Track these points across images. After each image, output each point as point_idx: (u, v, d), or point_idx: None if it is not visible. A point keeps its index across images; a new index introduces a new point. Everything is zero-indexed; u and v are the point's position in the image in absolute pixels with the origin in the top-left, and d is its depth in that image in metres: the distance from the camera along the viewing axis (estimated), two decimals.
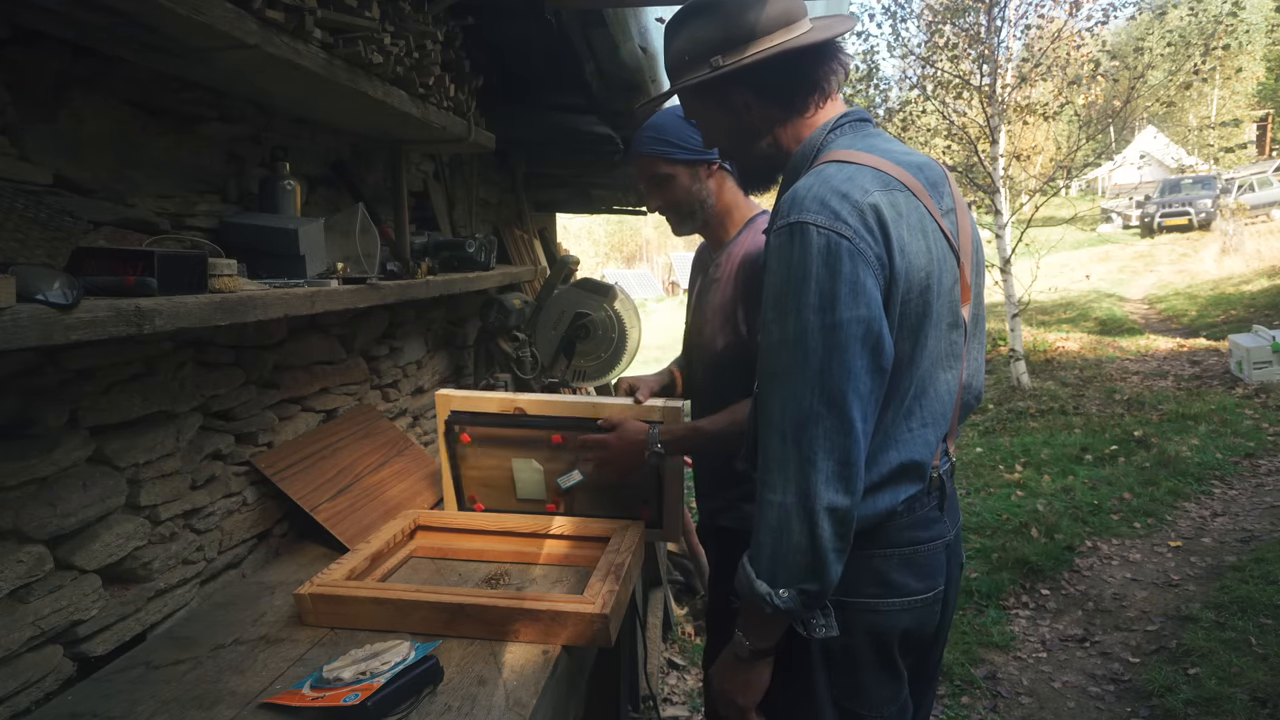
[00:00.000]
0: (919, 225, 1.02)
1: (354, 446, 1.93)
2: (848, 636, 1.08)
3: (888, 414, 1.04)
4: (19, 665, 1.11)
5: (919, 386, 1.06)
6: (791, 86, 1.13)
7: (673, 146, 1.57)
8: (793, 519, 0.96)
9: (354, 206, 1.80)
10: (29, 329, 0.86)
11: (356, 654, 1.15)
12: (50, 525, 1.15)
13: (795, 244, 0.97)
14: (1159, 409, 6.06)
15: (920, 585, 1.11)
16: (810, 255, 0.96)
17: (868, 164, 1.03)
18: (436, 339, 2.66)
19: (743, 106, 1.15)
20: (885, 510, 1.06)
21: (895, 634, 1.11)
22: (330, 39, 1.37)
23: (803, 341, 0.96)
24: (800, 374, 0.96)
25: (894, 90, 9.03)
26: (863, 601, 1.09)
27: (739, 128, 1.18)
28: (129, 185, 1.33)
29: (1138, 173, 25.29)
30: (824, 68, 1.13)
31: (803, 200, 0.99)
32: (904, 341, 1.02)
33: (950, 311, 1.08)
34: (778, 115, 1.15)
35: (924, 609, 1.12)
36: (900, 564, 1.09)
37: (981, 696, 2.75)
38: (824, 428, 0.95)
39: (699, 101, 1.20)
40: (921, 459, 1.07)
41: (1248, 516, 4.15)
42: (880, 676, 1.12)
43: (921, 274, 1.01)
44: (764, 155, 1.19)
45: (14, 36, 1.11)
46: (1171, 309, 10.99)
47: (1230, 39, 8.03)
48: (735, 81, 1.13)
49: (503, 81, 2.50)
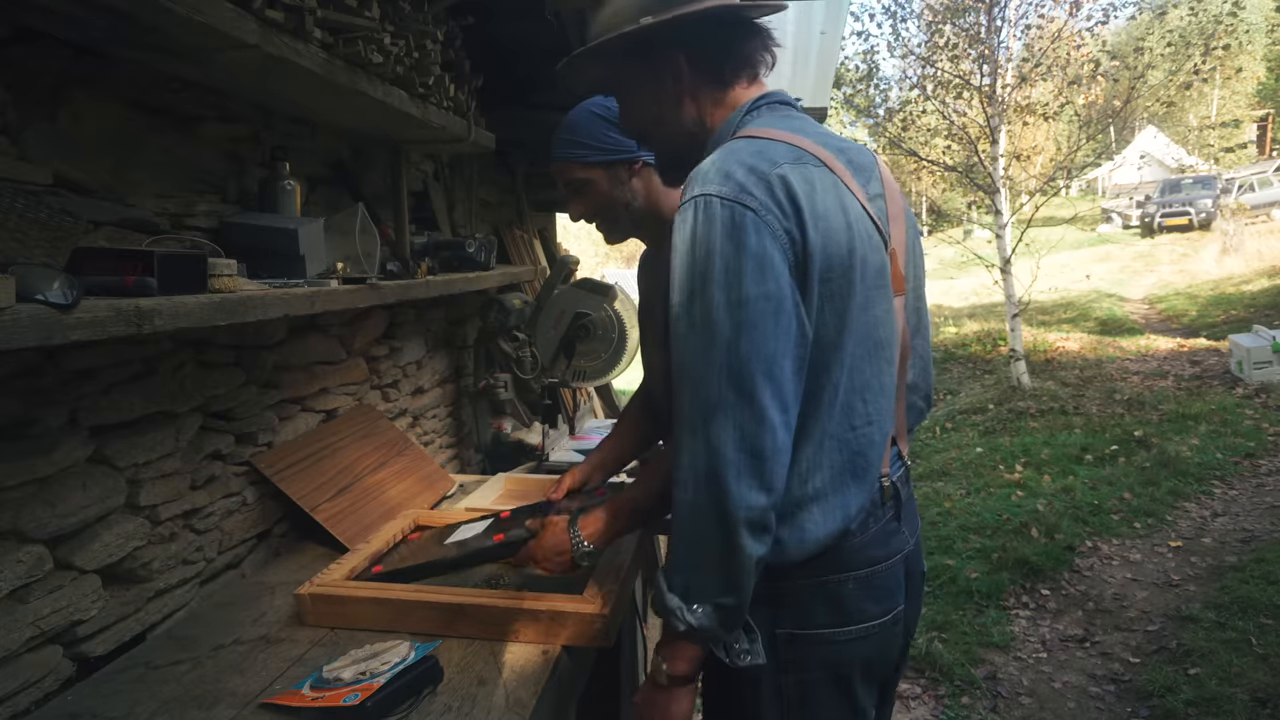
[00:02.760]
0: (837, 203, 0.96)
1: (354, 446, 1.93)
2: (801, 673, 1.00)
3: (822, 409, 0.96)
4: (19, 665, 1.11)
5: (853, 379, 0.98)
6: (723, 55, 1.07)
7: (587, 148, 1.42)
8: (704, 521, 0.89)
9: (354, 206, 1.80)
10: (29, 329, 0.86)
11: (356, 654, 1.15)
12: (50, 525, 1.16)
13: (698, 219, 0.91)
14: (1159, 409, 6.06)
15: (878, 609, 1.02)
16: (714, 229, 0.90)
17: (779, 139, 0.98)
18: (436, 339, 2.66)
19: (671, 74, 1.07)
20: (839, 530, 0.98)
21: (855, 666, 1.02)
22: (330, 39, 1.38)
23: (708, 323, 0.89)
24: (706, 358, 0.89)
25: (894, 90, 9.03)
26: (816, 633, 1.00)
27: (664, 99, 1.09)
28: (129, 185, 1.33)
29: (1138, 173, 25.27)
30: (755, 43, 1.08)
31: (706, 173, 0.94)
32: (827, 325, 0.95)
33: (881, 299, 1.01)
34: (706, 88, 1.08)
35: (882, 633, 1.03)
36: (857, 589, 1.00)
37: (981, 696, 2.74)
38: (734, 416, 0.87)
39: (624, 66, 1.10)
40: (869, 460, 1.00)
41: (1248, 516, 4.15)
42: (839, 716, 1.03)
43: (843, 251, 0.94)
44: (688, 133, 1.10)
45: (14, 36, 1.11)
46: (1172, 309, 10.98)
47: (1230, 39, 8.02)
48: (667, 40, 1.04)
49: (503, 81, 2.50)
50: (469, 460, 2.87)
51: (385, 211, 2.18)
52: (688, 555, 0.91)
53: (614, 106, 1.41)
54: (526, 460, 2.56)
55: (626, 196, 1.44)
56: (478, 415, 2.81)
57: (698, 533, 0.90)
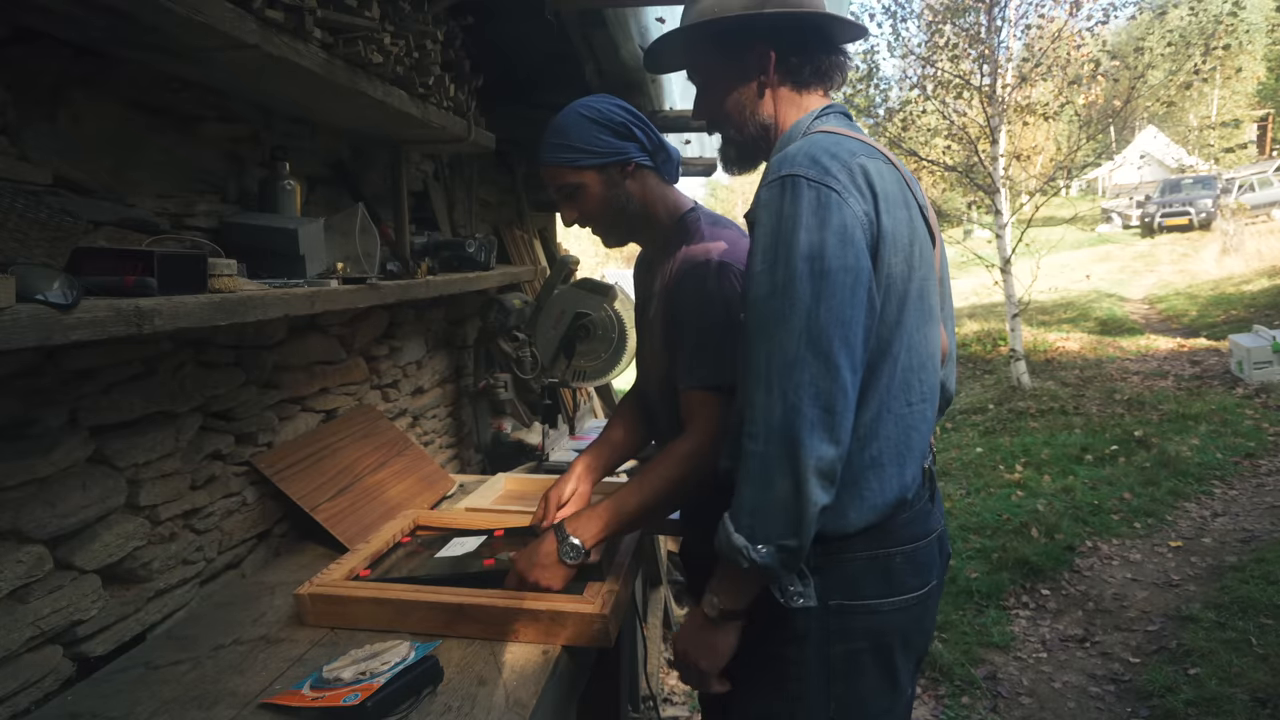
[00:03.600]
0: (901, 196, 1.05)
1: (354, 447, 1.93)
2: (847, 643, 1.07)
3: (881, 381, 1.04)
4: (19, 665, 1.11)
5: (909, 358, 1.06)
6: (807, 60, 1.15)
7: (578, 152, 1.38)
8: (775, 469, 0.95)
9: (354, 206, 1.80)
10: (29, 329, 0.86)
11: (356, 654, 1.15)
12: (50, 525, 1.15)
13: (786, 196, 0.99)
14: (1159, 409, 6.06)
15: (917, 582, 1.11)
16: (801, 206, 0.97)
17: (852, 136, 1.07)
18: (436, 339, 2.66)
19: (759, 66, 1.15)
20: (895, 499, 1.05)
21: (895, 635, 1.09)
22: (330, 39, 1.37)
23: (790, 289, 0.96)
24: (787, 321, 0.96)
25: (894, 90, 9.02)
26: (863, 604, 1.07)
27: (747, 90, 1.17)
28: (129, 185, 1.33)
29: (1138, 173, 25.26)
30: (836, 59, 1.18)
31: (794, 157, 1.01)
32: (890, 304, 1.03)
33: (932, 290, 1.10)
34: (786, 88, 1.16)
35: (919, 606, 1.12)
36: (903, 562, 1.09)
37: (981, 696, 2.75)
38: (810, 374, 0.95)
39: (714, 51, 1.18)
40: (922, 435, 1.07)
41: (1248, 516, 4.15)
42: (880, 685, 1.10)
43: (905, 241, 1.04)
44: (761, 126, 1.18)
45: (14, 36, 1.11)
46: (1172, 309, 10.98)
47: (1230, 39, 8.02)
48: (765, 33, 1.13)
49: (503, 81, 2.50)
50: (469, 460, 2.87)
51: (385, 211, 2.18)
52: (755, 499, 0.97)
53: (603, 108, 1.41)
54: (526, 460, 2.56)
55: (622, 199, 1.42)
56: (478, 415, 2.81)
57: (768, 480, 0.96)
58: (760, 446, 0.96)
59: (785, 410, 0.95)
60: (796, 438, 0.94)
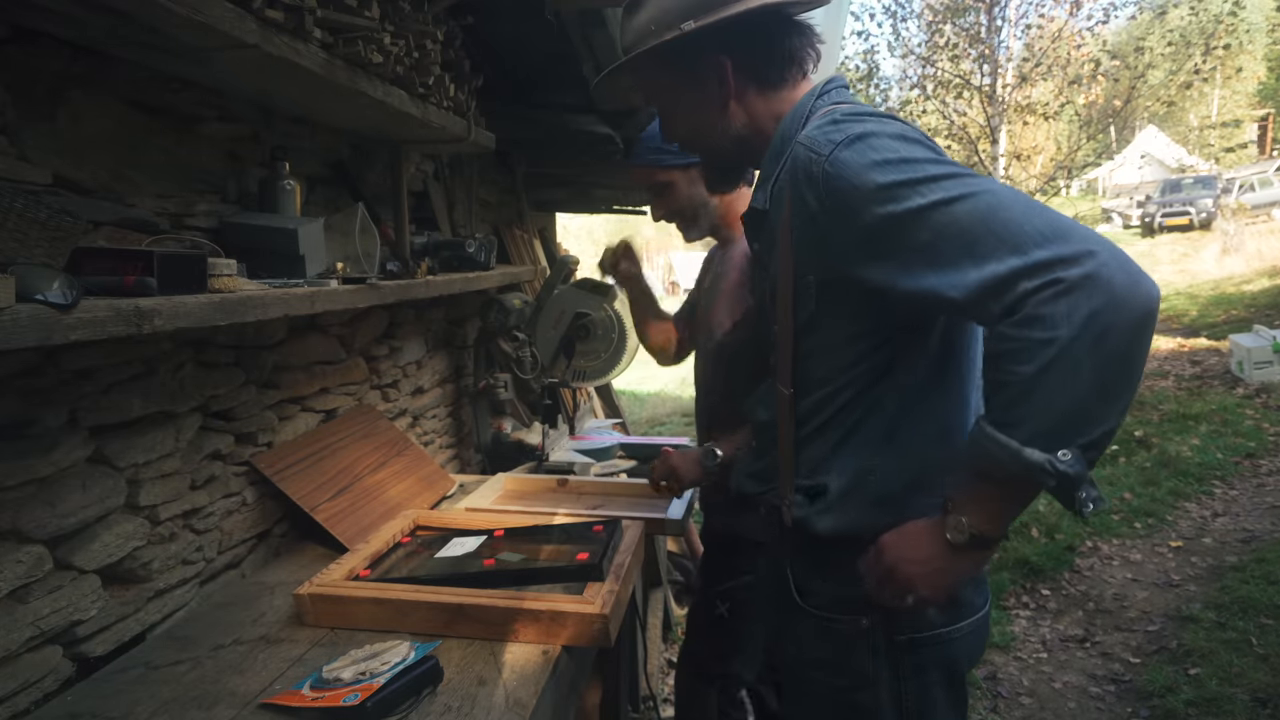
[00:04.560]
0: None
1: (354, 447, 1.93)
2: (921, 677, 0.99)
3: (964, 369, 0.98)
4: (18, 665, 1.11)
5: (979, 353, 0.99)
6: (768, 55, 1.05)
7: (665, 153, 1.57)
8: (1077, 344, 0.75)
9: (354, 206, 1.80)
10: (28, 329, 0.86)
11: (356, 654, 1.15)
12: (50, 525, 1.15)
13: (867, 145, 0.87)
14: (1159, 409, 6.05)
15: (980, 600, 1.03)
16: (887, 140, 0.87)
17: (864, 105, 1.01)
18: (436, 339, 2.66)
19: (717, 78, 1.05)
20: None
21: (964, 661, 1.02)
22: (330, 39, 1.37)
23: (963, 183, 0.83)
24: (988, 217, 0.81)
25: (894, 90, 9.03)
26: (933, 634, 0.99)
27: (710, 105, 1.07)
28: (129, 185, 1.33)
29: (1138, 172, 25.26)
30: (800, 40, 1.07)
31: (836, 123, 0.91)
32: None
33: None
34: (753, 90, 1.06)
35: (983, 623, 1.04)
36: (968, 581, 1.00)
37: (982, 697, 2.74)
38: (1065, 229, 0.78)
39: (665, 74, 1.08)
40: None
41: (1248, 516, 4.14)
42: (950, 715, 1.02)
43: None
44: (737, 136, 1.08)
45: (14, 36, 1.11)
46: (1172, 309, 10.97)
47: (1230, 38, 8.03)
48: (710, 44, 1.02)
49: (503, 81, 2.50)
50: (469, 460, 2.87)
51: (385, 211, 2.17)
52: (1050, 396, 0.78)
53: None
54: (526, 460, 2.56)
55: (703, 196, 1.59)
56: (478, 415, 2.81)
57: (1066, 360, 0.76)
58: (1066, 332, 0.75)
59: (1085, 277, 0.75)
60: (1117, 292, 0.75)
